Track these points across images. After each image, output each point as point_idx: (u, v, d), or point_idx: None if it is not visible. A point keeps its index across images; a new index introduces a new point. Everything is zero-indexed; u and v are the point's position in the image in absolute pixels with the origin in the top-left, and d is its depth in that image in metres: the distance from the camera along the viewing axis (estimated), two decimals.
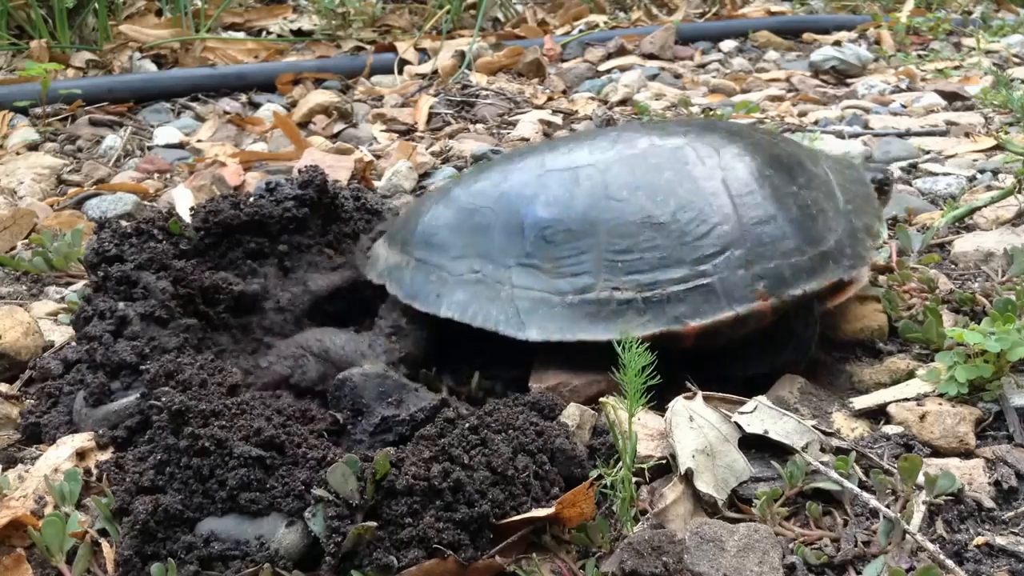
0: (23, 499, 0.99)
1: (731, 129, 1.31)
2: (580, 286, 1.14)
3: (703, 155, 1.19)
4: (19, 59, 3.07)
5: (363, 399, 1.04)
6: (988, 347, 1.08)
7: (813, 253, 1.15)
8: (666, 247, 1.13)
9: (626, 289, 1.12)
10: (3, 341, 1.27)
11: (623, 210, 1.15)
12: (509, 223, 1.19)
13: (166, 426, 0.96)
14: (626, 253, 1.14)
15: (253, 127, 2.57)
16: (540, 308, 1.14)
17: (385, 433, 1.03)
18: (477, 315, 1.15)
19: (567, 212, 1.17)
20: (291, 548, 0.87)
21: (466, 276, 1.18)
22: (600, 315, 1.12)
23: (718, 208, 1.15)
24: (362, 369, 1.08)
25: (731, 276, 1.12)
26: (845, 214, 1.21)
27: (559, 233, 1.16)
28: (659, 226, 1.14)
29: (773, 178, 1.19)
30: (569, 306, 1.13)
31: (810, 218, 1.17)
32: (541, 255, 1.16)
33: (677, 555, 0.85)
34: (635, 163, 1.19)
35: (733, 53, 3.50)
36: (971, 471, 0.98)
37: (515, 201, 1.20)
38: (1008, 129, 2.24)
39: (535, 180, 1.21)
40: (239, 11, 3.81)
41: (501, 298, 1.15)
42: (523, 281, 1.16)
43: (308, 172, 1.47)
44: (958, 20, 3.82)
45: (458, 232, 1.22)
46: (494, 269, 1.17)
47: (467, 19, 3.80)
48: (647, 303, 1.12)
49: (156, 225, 1.38)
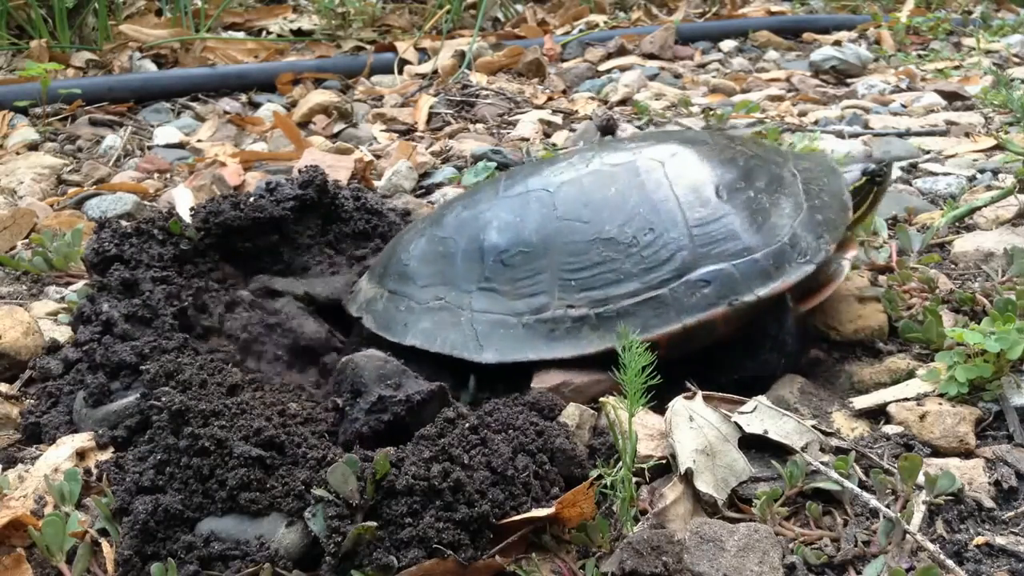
0: (23, 499, 1.00)
1: (685, 138, 1.32)
2: (535, 306, 1.16)
3: (650, 167, 1.20)
4: (19, 59, 3.07)
5: (363, 379, 1.05)
6: (988, 347, 1.08)
7: (765, 255, 1.14)
8: (616, 262, 1.14)
9: (580, 306, 1.14)
10: (3, 341, 1.27)
11: (573, 229, 1.17)
12: (468, 250, 1.22)
13: (166, 426, 0.96)
14: (578, 271, 1.15)
15: (253, 127, 2.57)
16: (498, 330, 1.16)
17: (381, 413, 1.03)
18: (437, 341, 1.18)
19: (520, 235, 1.19)
20: (291, 548, 0.87)
21: (431, 304, 1.21)
22: (555, 334, 1.14)
23: (666, 219, 1.15)
24: (365, 352, 1.09)
25: (680, 287, 1.12)
26: (805, 213, 1.19)
27: (514, 256, 1.19)
28: (608, 241, 1.15)
29: (725, 184, 1.18)
30: (525, 327, 1.15)
31: (763, 221, 1.16)
32: (499, 279, 1.18)
33: (677, 555, 0.85)
34: (583, 182, 1.21)
35: (733, 53, 3.50)
36: (971, 471, 0.98)
37: (473, 228, 1.23)
38: (1008, 129, 2.24)
39: (491, 207, 1.24)
40: (239, 11, 3.81)
41: (461, 323, 1.18)
42: (482, 305, 1.18)
43: (308, 172, 1.48)
44: (958, 20, 3.81)
45: (425, 262, 1.25)
46: (456, 295, 1.20)
47: (467, 19, 3.80)
48: (600, 319, 1.13)
49: (156, 225, 1.38)
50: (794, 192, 1.21)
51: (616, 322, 1.12)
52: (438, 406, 1.03)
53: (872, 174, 1.32)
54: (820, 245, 1.16)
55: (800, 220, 1.18)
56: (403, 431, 1.02)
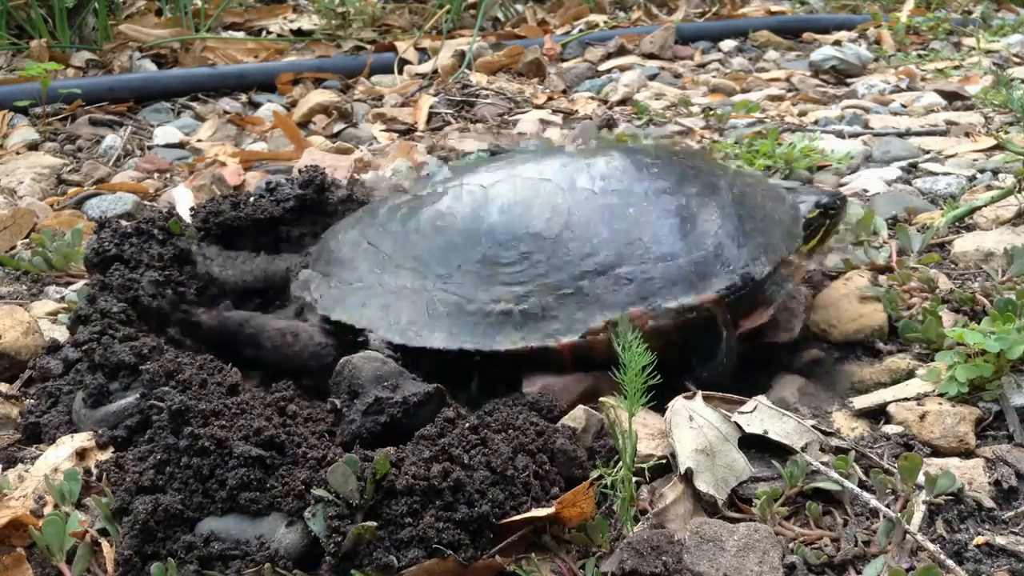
0: (23, 499, 0.99)
1: (625, 148, 1.33)
2: (466, 296, 1.16)
3: (582, 169, 1.22)
4: (19, 59, 3.07)
5: (360, 381, 1.05)
6: (988, 347, 1.08)
7: (687, 263, 1.14)
8: (541, 254, 1.15)
9: (505, 300, 1.14)
10: (3, 341, 1.27)
11: (502, 224, 1.18)
12: (399, 238, 1.24)
13: (166, 426, 0.96)
14: (504, 265, 1.16)
15: (253, 127, 2.57)
16: (422, 316, 1.16)
17: (378, 414, 1.03)
18: (370, 321, 1.18)
19: (451, 226, 1.21)
20: (291, 548, 0.87)
21: (356, 286, 1.22)
22: (480, 326, 1.14)
23: (596, 229, 1.16)
24: (363, 354, 1.09)
25: (601, 285, 1.13)
26: (743, 232, 1.18)
27: (444, 248, 1.20)
28: (534, 236, 1.16)
29: (655, 189, 1.19)
30: (448, 316, 1.15)
31: (693, 232, 1.16)
32: (432, 265, 1.19)
33: (677, 555, 0.86)
34: (518, 182, 1.23)
35: (733, 53, 3.50)
36: (971, 471, 0.98)
37: (404, 218, 1.25)
38: (1008, 129, 2.24)
39: (430, 198, 1.26)
40: (239, 11, 3.81)
41: (388, 306, 1.18)
42: (405, 289, 1.19)
43: (308, 172, 1.48)
44: (958, 20, 3.81)
45: (353, 247, 1.27)
46: (382, 278, 1.21)
47: (467, 19, 3.80)
48: (523, 315, 1.14)
49: (156, 225, 1.38)
50: (723, 205, 1.21)
51: (539, 320, 1.12)
52: (436, 407, 1.03)
53: (825, 207, 1.31)
54: (752, 261, 1.16)
55: (728, 233, 1.17)
56: (402, 431, 1.02)
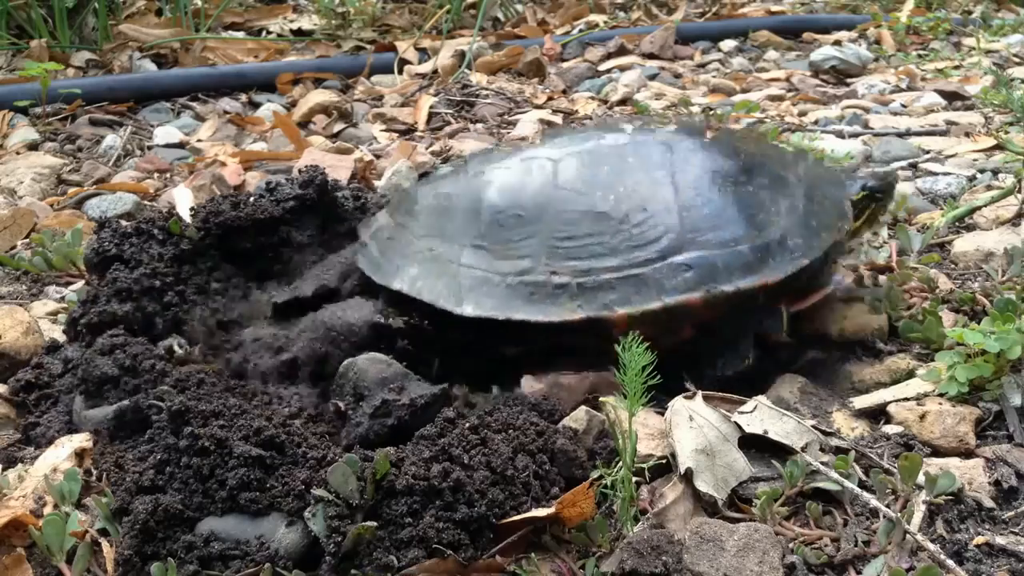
0: (22, 499, 0.99)
1: (690, 126, 1.33)
2: (521, 268, 1.17)
3: (652, 150, 1.22)
4: (19, 59, 3.07)
5: (365, 383, 1.05)
6: (988, 347, 1.08)
7: (751, 248, 1.14)
8: (604, 235, 1.15)
9: (563, 274, 1.15)
10: (3, 341, 1.27)
11: (568, 199, 1.19)
12: (467, 207, 1.24)
13: (166, 426, 0.96)
14: (566, 240, 1.16)
15: (253, 127, 2.57)
16: (481, 287, 1.17)
17: (384, 417, 1.03)
18: (423, 289, 1.19)
19: (517, 199, 1.21)
20: (291, 548, 0.87)
21: (424, 254, 1.23)
22: (534, 297, 1.15)
23: (659, 201, 1.16)
24: (368, 355, 1.08)
25: (664, 267, 1.13)
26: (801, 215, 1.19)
27: (509, 218, 1.20)
28: (600, 215, 1.16)
29: (724, 176, 1.19)
30: (508, 287, 1.16)
31: (756, 216, 1.16)
32: (491, 238, 1.20)
33: (677, 555, 0.86)
34: (585, 157, 1.23)
35: (733, 53, 3.50)
36: (971, 471, 0.98)
37: (475, 187, 1.25)
38: (1008, 129, 2.24)
39: (495, 169, 1.26)
40: (239, 11, 3.81)
41: (447, 275, 1.19)
42: (470, 261, 1.19)
43: (308, 172, 1.48)
44: (958, 20, 3.81)
45: (429, 212, 1.27)
46: (448, 248, 1.21)
47: (467, 19, 3.79)
48: (580, 288, 1.14)
49: (156, 225, 1.38)
50: (792, 194, 1.21)
51: (596, 293, 1.13)
52: (441, 408, 1.03)
53: (872, 190, 1.31)
54: (810, 248, 1.16)
55: (793, 220, 1.17)
56: (406, 432, 1.02)
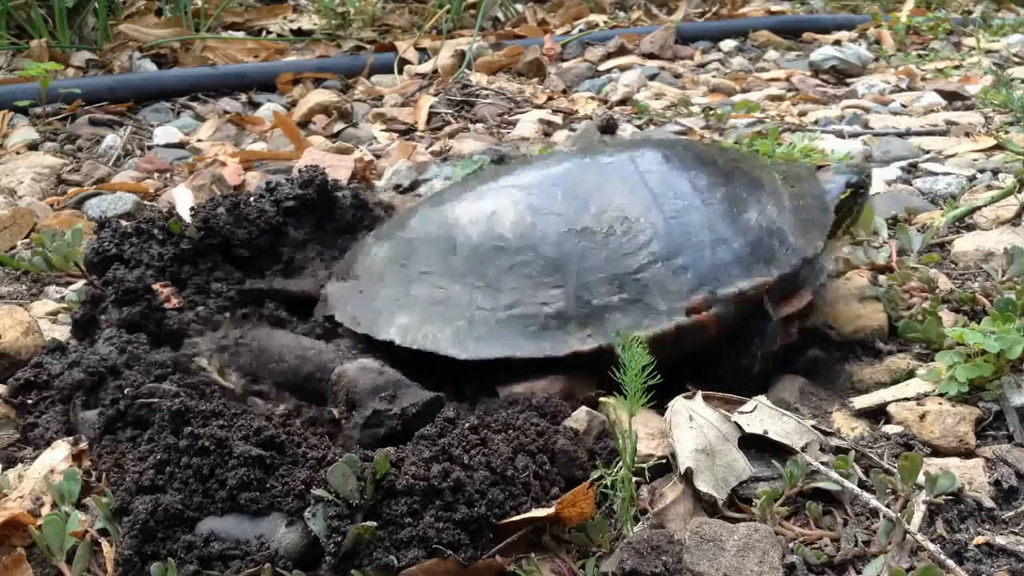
0: (20, 499, 0.99)
1: (663, 142, 1.32)
2: (509, 302, 1.12)
3: (629, 167, 1.19)
4: (19, 59, 3.07)
5: (357, 393, 1.04)
6: (988, 347, 1.08)
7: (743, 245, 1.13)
8: (592, 250, 1.12)
9: (554, 302, 1.11)
10: (3, 341, 1.27)
11: (548, 222, 1.15)
12: (440, 246, 1.19)
13: (166, 426, 0.96)
14: (553, 263, 1.12)
15: (253, 127, 2.57)
16: (478, 327, 1.12)
17: (376, 427, 1.02)
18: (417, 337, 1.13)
19: (493, 230, 1.16)
20: (291, 548, 0.87)
21: (402, 301, 1.17)
22: (529, 330, 1.10)
23: (647, 219, 1.14)
24: (359, 363, 1.07)
25: (666, 283, 1.11)
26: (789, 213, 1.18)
27: (488, 251, 1.15)
28: (582, 232, 1.13)
29: (704, 180, 1.18)
30: (499, 323, 1.11)
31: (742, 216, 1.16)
32: (474, 273, 1.15)
33: (677, 555, 0.85)
34: (557, 178, 1.20)
35: (733, 53, 3.50)
36: (971, 471, 0.98)
37: (444, 224, 1.21)
38: (1008, 129, 2.24)
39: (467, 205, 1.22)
40: (239, 11, 3.81)
41: (438, 317, 1.14)
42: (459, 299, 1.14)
43: (308, 172, 1.48)
44: (958, 20, 3.81)
45: (392, 262, 1.22)
46: (428, 290, 1.16)
47: (467, 19, 3.79)
48: (582, 315, 1.10)
49: (156, 225, 1.38)
50: (776, 193, 1.21)
51: (600, 318, 1.09)
52: (434, 416, 1.02)
53: (855, 186, 1.31)
54: (807, 243, 1.16)
55: (783, 219, 1.17)
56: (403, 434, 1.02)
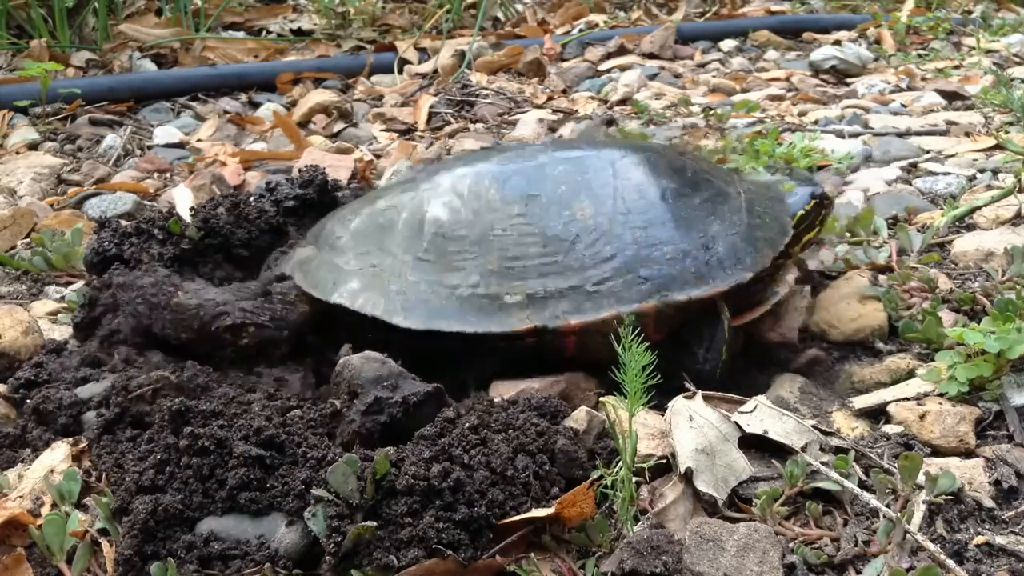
0: (20, 499, 0.99)
1: (633, 145, 1.33)
2: (471, 282, 1.16)
3: (599, 166, 1.21)
4: (19, 59, 3.07)
5: (359, 381, 1.05)
6: (988, 347, 1.08)
7: (700, 261, 1.15)
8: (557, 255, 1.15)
9: (515, 293, 1.14)
10: (3, 341, 1.27)
11: (515, 218, 1.18)
12: (410, 222, 1.22)
13: (166, 426, 0.96)
14: (516, 260, 1.16)
15: (253, 127, 2.57)
16: (426, 300, 1.16)
17: (377, 414, 1.03)
18: (366, 304, 1.18)
19: (460, 214, 1.20)
20: (291, 548, 0.87)
21: (364, 269, 1.21)
22: (485, 310, 1.14)
23: (608, 217, 1.16)
24: (362, 354, 1.09)
25: (617, 280, 1.13)
26: (746, 228, 1.20)
27: (455, 232, 1.19)
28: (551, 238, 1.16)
29: (669, 191, 1.20)
30: (458, 299, 1.15)
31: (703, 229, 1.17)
32: (436, 252, 1.19)
33: (677, 555, 0.86)
34: (530, 173, 1.22)
35: (733, 52, 3.50)
36: (971, 471, 0.98)
37: (417, 202, 1.24)
38: (1008, 129, 2.24)
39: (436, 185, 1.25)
40: (239, 11, 3.81)
41: (391, 289, 1.18)
42: (416, 276, 1.18)
43: (308, 172, 1.48)
44: (958, 20, 3.81)
45: (362, 234, 1.26)
46: (391, 262, 1.20)
47: (467, 18, 3.80)
48: (531, 299, 1.14)
49: (156, 225, 1.38)
50: (736, 207, 1.23)
51: (547, 302, 1.13)
52: (435, 407, 1.03)
53: (820, 197, 1.34)
54: (757, 258, 1.18)
55: (740, 232, 1.19)
56: (402, 431, 1.02)
